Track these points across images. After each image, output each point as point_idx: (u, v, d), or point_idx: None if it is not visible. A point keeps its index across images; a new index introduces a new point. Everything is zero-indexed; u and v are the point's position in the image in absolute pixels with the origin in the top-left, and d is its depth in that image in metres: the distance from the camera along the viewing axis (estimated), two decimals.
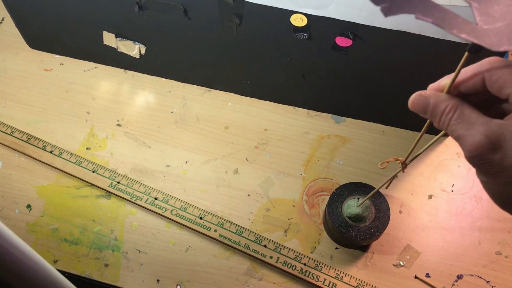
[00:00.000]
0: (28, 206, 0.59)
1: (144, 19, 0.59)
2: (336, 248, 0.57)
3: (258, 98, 0.68)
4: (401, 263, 0.56)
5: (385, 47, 0.53)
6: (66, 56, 0.71)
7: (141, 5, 0.57)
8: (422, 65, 0.54)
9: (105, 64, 0.70)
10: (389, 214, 0.54)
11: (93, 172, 0.60)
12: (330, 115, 0.67)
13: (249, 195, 0.60)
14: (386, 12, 0.26)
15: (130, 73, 0.70)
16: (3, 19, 0.74)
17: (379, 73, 0.57)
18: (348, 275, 0.55)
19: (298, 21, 0.53)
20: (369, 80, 0.59)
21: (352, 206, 0.54)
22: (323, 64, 0.58)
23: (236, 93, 0.68)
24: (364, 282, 0.55)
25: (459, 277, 0.56)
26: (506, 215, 0.58)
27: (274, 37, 0.56)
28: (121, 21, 0.61)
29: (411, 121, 0.63)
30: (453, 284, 0.55)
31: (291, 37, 0.55)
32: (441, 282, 0.55)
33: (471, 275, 0.56)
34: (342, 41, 0.54)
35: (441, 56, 0.52)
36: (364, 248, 0.57)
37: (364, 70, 0.57)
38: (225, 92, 0.68)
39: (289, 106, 0.68)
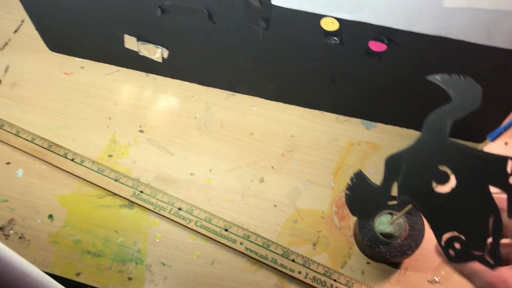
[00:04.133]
0: (50, 216, 0.57)
1: (167, 22, 0.57)
2: (368, 263, 0.55)
3: (284, 102, 0.65)
4: (436, 279, 0.54)
5: (422, 52, 0.50)
6: (86, 59, 0.69)
7: (163, 8, 0.54)
8: (461, 71, 0.51)
9: (127, 67, 0.68)
10: (424, 232, 0.51)
11: (115, 180, 0.59)
12: (360, 120, 0.64)
13: (275, 206, 0.58)
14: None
15: (152, 76, 0.67)
16: (23, 21, 0.73)
17: (414, 78, 0.54)
18: None
19: (329, 25, 0.50)
20: (403, 85, 0.56)
21: (384, 223, 0.51)
22: (354, 69, 0.55)
23: (261, 97, 0.66)
24: None
25: None
26: None
27: (302, 41, 0.53)
28: (143, 24, 0.59)
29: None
30: None
31: (321, 41, 0.52)
32: None
33: None
34: (376, 46, 0.51)
35: (483, 62, 0.48)
36: (397, 264, 0.54)
37: (399, 75, 0.54)
38: (250, 96, 0.66)
39: (317, 111, 0.65)
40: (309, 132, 0.63)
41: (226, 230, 0.56)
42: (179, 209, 0.57)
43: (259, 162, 0.61)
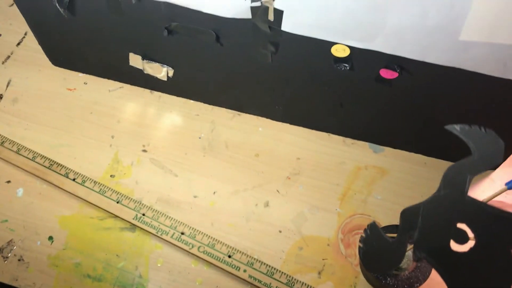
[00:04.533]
0: (50, 238, 0.56)
1: (173, 42, 0.55)
2: None
3: (291, 123, 0.64)
4: None
5: (435, 82, 0.49)
6: (90, 74, 0.68)
7: (170, 29, 0.53)
8: (473, 101, 0.50)
9: (131, 84, 0.67)
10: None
11: (117, 202, 0.58)
12: (368, 143, 0.63)
13: (280, 231, 0.57)
14: None
15: (157, 94, 0.66)
16: (26, 34, 0.72)
17: (425, 105, 0.53)
18: None
19: (340, 51, 0.49)
20: (413, 112, 0.55)
21: None
22: (364, 94, 0.54)
23: (267, 118, 0.64)
24: None
25: None
26: None
27: (311, 66, 0.52)
28: (148, 43, 0.58)
29: (456, 152, 0.59)
30: None
31: (330, 67, 0.51)
32: None
33: None
34: (387, 74, 0.49)
35: (498, 94, 0.47)
36: None
37: (409, 102, 0.53)
38: (256, 117, 0.65)
39: (323, 133, 0.64)
40: (315, 155, 0.62)
41: (229, 256, 0.55)
42: (182, 233, 0.56)
43: (264, 185, 0.60)
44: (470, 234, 0.26)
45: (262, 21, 0.47)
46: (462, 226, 0.26)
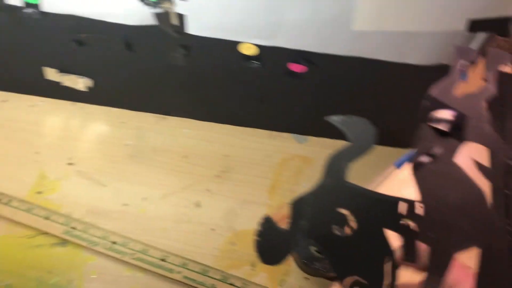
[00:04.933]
0: None
1: (85, 53, 0.55)
2: (307, 279, 0.55)
3: (216, 122, 0.65)
4: None
5: (341, 71, 0.51)
6: (8, 91, 0.66)
7: (79, 41, 0.53)
8: (378, 86, 0.52)
9: (52, 98, 0.66)
10: None
11: (46, 219, 0.57)
12: (292, 134, 0.65)
13: (212, 229, 0.58)
14: None
15: (79, 105, 0.66)
16: None
17: (337, 94, 0.55)
18: None
19: (248, 50, 0.50)
20: (328, 101, 0.57)
21: None
22: (279, 89, 0.56)
23: (193, 118, 0.65)
24: None
25: None
26: None
27: (225, 65, 0.53)
28: (61, 56, 0.57)
29: (379, 136, 0.61)
30: None
31: (243, 65, 0.52)
32: None
33: None
34: (296, 67, 0.51)
35: (395, 77, 0.50)
36: (335, 277, 0.55)
37: (322, 93, 0.55)
38: (181, 118, 0.65)
39: (249, 128, 0.65)
40: (242, 151, 0.63)
41: (163, 260, 0.55)
42: (114, 242, 0.56)
43: (194, 185, 0.60)
44: (351, 218, 0.28)
45: (168, 26, 0.48)
46: (343, 211, 0.28)
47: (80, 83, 0.60)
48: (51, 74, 0.60)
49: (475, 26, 0.41)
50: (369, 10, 0.41)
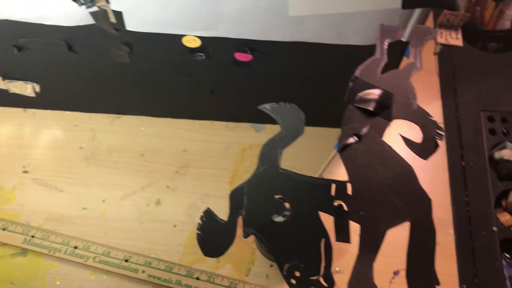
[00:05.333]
0: None
1: (29, 58, 0.54)
2: (271, 266, 0.56)
3: (172, 117, 0.64)
4: (337, 269, 0.56)
5: (285, 57, 0.50)
6: None
7: (19, 46, 0.52)
8: (323, 68, 0.52)
9: (1, 106, 0.64)
10: None
11: (3, 230, 0.56)
12: (250, 124, 0.64)
13: (175, 226, 0.58)
14: None
15: (30, 111, 0.64)
16: None
17: (285, 79, 0.55)
18: None
19: (191, 42, 0.49)
20: (277, 88, 0.57)
21: None
22: (228, 79, 0.55)
23: (147, 116, 0.64)
24: None
25: (396, 273, 0.56)
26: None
27: (171, 59, 0.53)
28: (4, 63, 0.56)
29: (326, 117, 0.62)
30: (391, 282, 0.55)
31: (188, 58, 0.51)
32: (379, 282, 0.55)
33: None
34: (242, 56, 0.51)
35: (338, 59, 0.50)
36: None
37: (271, 79, 0.55)
38: (136, 116, 0.64)
39: (206, 121, 0.65)
40: (201, 144, 0.63)
41: (126, 260, 0.55)
42: (75, 247, 0.55)
43: (154, 183, 0.60)
44: (287, 204, 0.28)
45: (106, 24, 0.47)
46: (279, 198, 0.28)
47: (28, 88, 0.59)
48: None
49: (409, 2, 0.42)
50: None
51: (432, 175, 0.61)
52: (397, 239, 0.56)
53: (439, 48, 0.71)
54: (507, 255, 0.57)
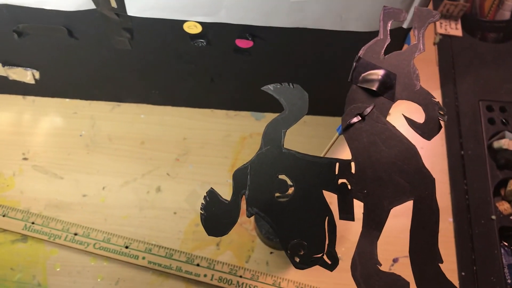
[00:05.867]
0: None
1: (28, 44, 0.54)
2: (271, 253, 0.56)
3: (172, 106, 0.64)
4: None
5: (287, 44, 0.50)
6: None
7: (19, 31, 0.51)
8: (325, 55, 0.52)
9: (1, 93, 0.64)
10: None
11: (3, 216, 0.56)
12: (250, 112, 0.64)
13: (175, 213, 0.58)
14: None
15: (29, 98, 0.64)
16: None
17: (286, 67, 0.55)
18: (286, 279, 0.54)
19: (192, 28, 0.49)
20: (279, 75, 0.57)
21: None
22: (229, 66, 0.55)
23: (147, 103, 0.64)
24: (303, 284, 0.54)
25: (395, 260, 0.56)
26: None
27: (172, 46, 0.53)
28: (3, 49, 0.55)
29: (329, 107, 0.62)
30: (390, 269, 0.55)
31: (189, 44, 0.51)
32: None
33: (406, 256, 0.56)
34: (243, 43, 0.51)
35: (340, 46, 0.50)
36: None
37: (271, 67, 0.55)
38: (136, 104, 0.64)
39: (206, 109, 0.65)
40: (201, 132, 0.63)
41: (126, 247, 0.55)
42: (75, 234, 0.55)
43: (154, 171, 0.60)
44: (290, 183, 0.28)
45: (107, 9, 0.47)
46: (282, 177, 0.28)
47: (28, 75, 0.59)
48: None
49: None
50: None
51: (431, 163, 0.61)
52: (396, 227, 0.56)
53: (438, 38, 0.72)
54: (506, 243, 0.58)
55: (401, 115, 0.29)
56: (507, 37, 0.71)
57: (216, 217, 0.29)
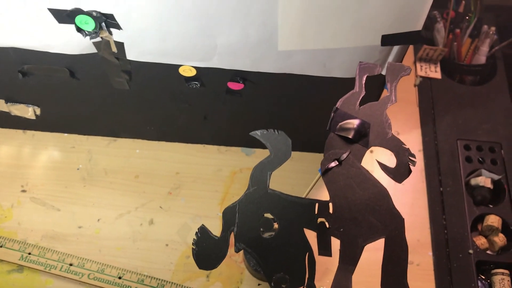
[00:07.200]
0: None
1: (32, 83, 0.57)
2: (259, 285, 0.58)
3: (166, 141, 0.68)
4: None
5: (275, 87, 0.54)
6: None
7: (24, 72, 0.55)
8: (309, 98, 0.56)
9: (2, 127, 0.67)
10: None
11: (0, 247, 0.58)
12: (240, 148, 0.68)
13: (167, 245, 0.60)
14: None
15: (29, 133, 0.67)
16: None
17: (275, 107, 0.59)
18: None
19: (187, 72, 0.53)
20: (266, 115, 0.60)
21: None
22: (221, 106, 0.59)
23: (143, 139, 0.67)
24: None
25: None
26: (410, 228, 0.61)
27: (167, 87, 0.56)
28: (8, 87, 0.59)
29: (312, 143, 0.65)
30: None
31: (184, 86, 0.55)
32: None
33: None
34: (234, 85, 0.54)
35: (324, 90, 0.54)
36: None
37: (261, 107, 0.59)
38: (132, 139, 0.67)
39: (199, 145, 0.68)
40: (193, 167, 0.66)
41: (119, 278, 0.57)
42: (70, 264, 0.57)
43: (147, 204, 0.63)
44: (275, 221, 0.31)
45: (108, 54, 0.50)
46: (267, 215, 0.31)
47: (29, 111, 0.62)
48: (0, 105, 0.61)
49: (388, 40, 0.46)
50: (290, 32, 0.45)
51: (412, 199, 0.65)
52: (374, 261, 0.59)
53: (419, 80, 0.76)
54: (483, 277, 0.61)
55: (375, 160, 0.32)
56: (483, 80, 0.76)
57: (207, 251, 0.31)
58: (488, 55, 0.75)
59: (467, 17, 0.75)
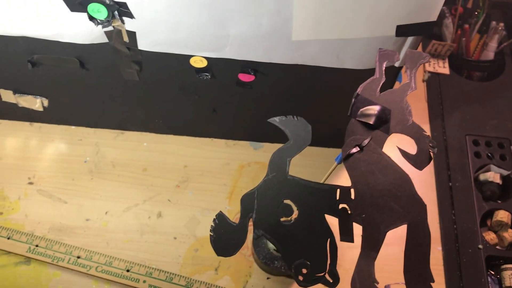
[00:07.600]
0: None
1: (41, 73, 0.56)
2: (268, 278, 0.58)
3: (174, 134, 0.67)
4: None
5: (286, 79, 0.54)
6: None
7: (33, 62, 0.54)
8: (321, 90, 0.56)
9: (9, 119, 0.66)
10: None
11: (8, 238, 0.57)
12: (248, 142, 0.67)
13: (175, 238, 0.60)
14: None
15: (36, 125, 0.67)
16: None
17: (285, 100, 0.58)
18: None
19: (198, 63, 0.52)
20: (278, 108, 0.60)
21: None
22: (231, 98, 0.58)
23: (150, 132, 0.67)
24: None
25: (387, 287, 0.58)
26: None
27: (178, 78, 0.56)
28: (16, 77, 0.58)
29: (323, 138, 0.65)
30: None
31: (194, 77, 0.55)
32: None
33: (397, 283, 0.58)
34: (245, 77, 0.54)
35: (336, 82, 0.53)
36: None
37: (271, 100, 0.58)
38: (139, 132, 0.67)
39: (207, 138, 0.67)
40: (201, 161, 0.65)
41: (128, 270, 0.56)
42: (78, 257, 0.57)
43: (155, 197, 0.62)
44: (295, 208, 0.31)
45: (119, 43, 0.50)
46: (287, 202, 0.31)
47: (37, 103, 0.61)
48: (8, 95, 0.61)
49: (403, 30, 0.45)
50: (305, 22, 0.44)
51: (421, 194, 0.64)
52: (388, 256, 0.58)
53: (427, 76, 0.76)
54: (492, 272, 0.60)
55: (396, 147, 0.32)
56: (491, 76, 0.76)
57: (225, 238, 0.31)
58: (497, 51, 0.74)
59: (475, 13, 0.75)
